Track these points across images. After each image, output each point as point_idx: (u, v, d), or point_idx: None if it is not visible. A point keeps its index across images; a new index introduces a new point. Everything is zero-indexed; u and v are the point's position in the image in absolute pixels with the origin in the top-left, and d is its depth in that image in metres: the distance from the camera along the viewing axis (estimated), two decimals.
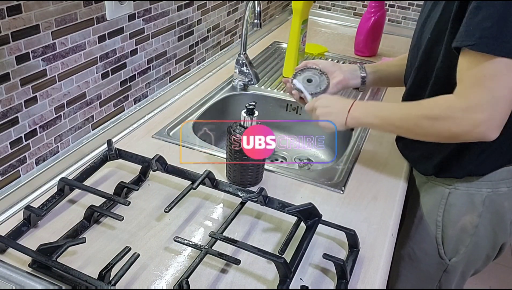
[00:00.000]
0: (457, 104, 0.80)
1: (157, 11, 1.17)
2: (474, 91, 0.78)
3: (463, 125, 0.80)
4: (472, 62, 0.78)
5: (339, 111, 0.97)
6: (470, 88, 0.79)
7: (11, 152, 0.87)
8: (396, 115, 0.92)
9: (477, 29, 0.76)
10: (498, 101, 0.77)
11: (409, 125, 0.90)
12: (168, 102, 1.31)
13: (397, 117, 0.91)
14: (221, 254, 0.77)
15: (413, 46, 1.01)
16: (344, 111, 0.96)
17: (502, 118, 0.79)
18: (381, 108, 0.96)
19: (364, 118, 0.96)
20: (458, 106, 0.80)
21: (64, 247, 0.74)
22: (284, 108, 1.41)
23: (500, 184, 0.95)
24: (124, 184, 0.91)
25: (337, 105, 0.99)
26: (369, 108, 0.97)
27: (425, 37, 0.94)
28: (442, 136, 0.85)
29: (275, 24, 2.00)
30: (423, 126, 0.86)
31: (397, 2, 2.01)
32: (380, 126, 0.97)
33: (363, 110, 0.96)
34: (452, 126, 0.82)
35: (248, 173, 0.97)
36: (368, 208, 0.96)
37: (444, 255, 1.05)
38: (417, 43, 0.98)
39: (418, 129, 0.88)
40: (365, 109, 0.97)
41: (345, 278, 0.77)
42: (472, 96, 0.78)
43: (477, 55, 0.76)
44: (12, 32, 0.80)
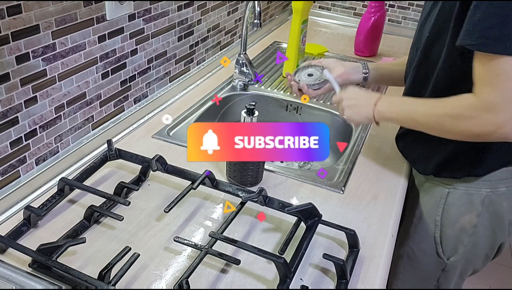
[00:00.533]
0: (477, 104, 0.80)
1: (157, 11, 1.17)
2: (490, 91, 0.78)
3: (485, 125, 0.80)
4: (482, 61, 0.78)
5: (365, 104, 0.97)
6: (485, 87, 0.79)
7: (11, 152, 0.87)
8: (420, 111, 0.90)
9: (476, 28, 0.76)
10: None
11: (432, 123, 0.89)
12: (168, 102, 1.31)
13: (420, 114, 0.90)
14: (221, 254, 0.77)
15: (412, 45, 1.02)
16: (370, 104, 0.96)
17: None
18: (406, 104, 0.95)
19: (388, 112, 0.95)
20: (478, 106, 0.80)
21: (64, 247, 0.74)
22: (284, 108, 1.41)
23: (499, 184, 0.95)
24: (124, 184, 0.91)
25: (363, 97, 0.99)
26: (394, 103, 0.96)
27: (424, 36, 0.94)
28: (465, 135, 0.85)
29: (275, 24, 2.00)
30: (446, 124, 0.85)
31: (397, 2, 2.01)
32: (403, 122, 0.97)
33: (389, 104, 0.95)
34: (473, 126, 0.81)
35: (248, 173, 0.97)
36: (368, 208, 0.96)
37: (443, 255, 1.05)
38: (417, 42, 0.98)
39: (441, 127, 0.87)
40: (391, 103, 0.95)
41: (345, 278, 0.77)
42: (488, 96, 0.78)
43: (486, 55, 0.76)
44: (12, 32, 0.80)
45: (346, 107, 0.99)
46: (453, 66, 0.86)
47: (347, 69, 1.11)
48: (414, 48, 1.00)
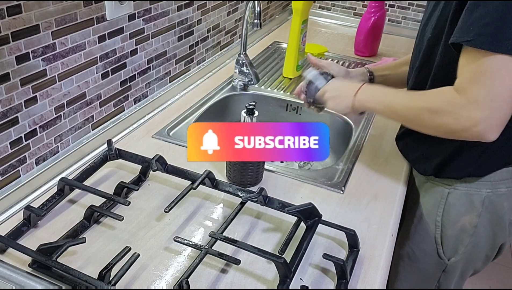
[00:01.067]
0: (457, 100, 0.79)
1: (157, 11, 1.17)
2: (472, 87, 0.77)
3: (462, 121, 0.79)
4: (471, 58, 0.78)
5: (346, 95, 0.98)
6: (468, 83, 0.78)
7: (11, 152, 0.87)
8: (400, 103, 0.90)
9: (474, 26, 0.76)
10: (496, 99, 0.76)
11: (410, 115, 0.88)
12: (168, 102, 1.31)
13: (400, 105, 0.90)
14: (221, 254, 0.77)
15: (415, 47, 1.02)
16: (351, 94, 0.96)
17: (502, 118, 0.77)
18: (387, 94, 0.94)
19: (369, 102, 0.95)
20: (458, 102, 0.79)
21: (64, 247, 0.74)
22: (284, 108, 1.41)
23: (499, 185, 0.95)
24: (124, 184, 0.91)
25: (345, 88, 1.00)
26: (375, 93, 0.96)
27: (426, 37, 0.94)
28: (441, 131, 0.84)
29: (275, 24, 2.00)
30: (424, 118, 0.85)
31: (397, 2, 2.01)
32: (383, 112, 0.96)
33: (370, 94, 0.96)
34: (450, 121, 0.80)
35: (248, 173, 0.97)
36: (368, 208, 0.96)
37: (443, 255, 1.05)
38: (419, 44, 0.98)
39: (419, 121, 0.87)
40: (372, 93, 0.96)
41: (345, 278, 0.77)
42: (470, 91, 0.77)
43: (476, 51, 0.76)
44: (12, 32, 0.80)
45: (328, 99, 1.01)
46: (449, 64, 0.86)
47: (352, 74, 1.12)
48: (417, 49, 1.00)
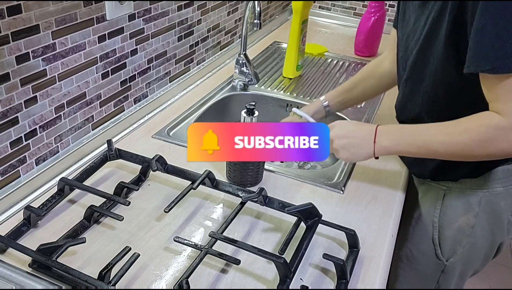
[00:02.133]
0: (504, 122, 0.77)
1: (157, 11, 1.17)
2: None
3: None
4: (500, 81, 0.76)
5: (363, 142, 0.89)
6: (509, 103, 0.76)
7: (11, 152, 0.87)
8: (436, 140, 0.84)
9: (489, 52, 0.74)
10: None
11: (455, 150, 0.83)
12: (168, 102, 1.31)
13: (438, 143, 0.84)
14: (221, 254, 0.77)
15: (400, 57, 1.00)
16: (368, 141, 0.88)
17: None
18: (415, 134, 0.87)
19: (395, 146, 0.88)
20: (505, 125, 0.77)
21: (64, 247, 0.74)
22: (284, 108, 1.41)
23: (495, 184, 0.95)
24: (124, 184, 0.91)
25: (357, 133, 0.91)
26: (399, 135, 0.88)
27: (412, 49, 0.93)
28: (496, 156, 0.82)
29: (275, 24, 2.00)
30: (473, 149, 0.81)
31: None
32: (417, 154, 0.88)
33: (392, 137, 0.88)
34: (505, 146, 0.78)
35: (248, 173, 0.97)
36: (368, 208, 0.96)
37: (441, 256, 1.05)
38: (404, 55, 0.97)
39: (467, 153, 0.83)
40: (395, 136, 0.88)
41: (345, 278, 0.77)
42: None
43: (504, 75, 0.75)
44: (12, 32, 0.80)
45: (340, 149, 0.91)
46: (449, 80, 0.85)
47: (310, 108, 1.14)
48: (402, 60, 0.98)
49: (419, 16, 0.91)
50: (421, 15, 0.90)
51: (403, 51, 0.98)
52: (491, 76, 0.76)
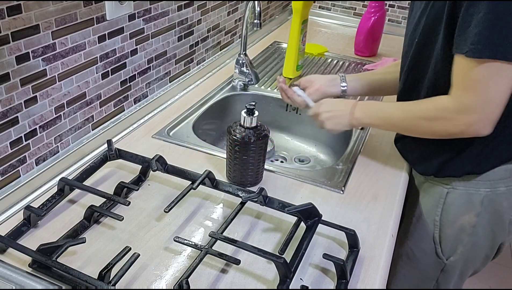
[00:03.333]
0: (452, 106, 0.85)
1: (157, 11, 1.17)
2: (467, 94, 0.83)
3: (457, 125, 0.85)
4: (465, 66, 0.81)
5: (342, 114, 1.02)
6: (463, 90, 0.83)
7: (11, 152, 0.87)
8: (396, 115, 0.96)
9: (468, 36, 0.78)
10: (489, 103, 0.82)
11: (408, 125, 0.95)
12: (168, 102, 1.31)
13: (396, 118, 0.96)
14: (221, 254, 0.77)
15: (404, 51, 1.03)
16: (346, 112, 1.01)
17: (494, 116, 0.83)
18: (382, 109, 0.99)
19: (366, 118, 1.00)
20: (452, 108, 0.85)
21: (64, 247, 0.74)
22: (284, 108, 1.41)
23: (498, 184, 0.95)
24: (124, 184, 0.91)
25: (339, 107, 1.03)
26: (371, 109, 1.01)
27: (413, 42, 0.96)
28: (439, 135, 0.91)
29: (275, 24, 2.00)
30: (421, 126, 0.92)
31: (397, 2, 2.01)
32: (381, 126, 1.02)
33: (365, 110, 1.00)
34: (448, 126, 0.87)
35: (248, 173, 0.97)
36: (368, 208, 0.96)
37: (442, 255, 1.05)
38: (408, 47, 1.00)
39: (417, 129, 0.94)
40: (367, 109, 1.00)
41: (345, 278, 0.77)
42: (465, 98, 0.83)
43: (469, 60, 0.79)
44: (12, 32, 0.80)
45: (325, 120, 1.04)
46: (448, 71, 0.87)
47: (323, 82, 1.14)
48: (406, 53, 1.01)
49: (423, 10, 0.93)
50: (425, 9, 0.92)
51: (407, 45, 1.00)
52: (461, 59, 0.81)
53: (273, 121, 1.41)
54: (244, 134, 0.92)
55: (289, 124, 1.42)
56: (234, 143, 0.93)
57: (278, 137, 1.43)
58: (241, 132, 0.93)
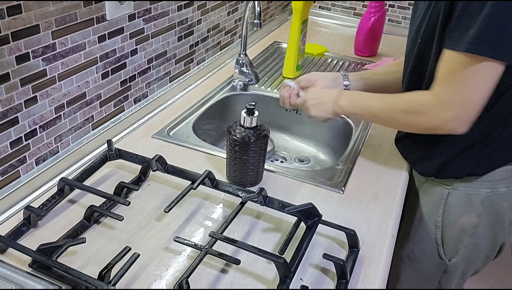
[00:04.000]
0: (430, 101, 0.86)
1: (157, 11, 1.17)
2: (446, 90, 0.83)
3: (433, 120, 0.86)
4: (452, 62, 0.81)
5: (327, 101, 1.03)
6: (444, 86, 0.83)
7: (11, 152, 0.87)
8: (377, 106, 0.96)
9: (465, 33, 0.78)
10: (466, 101, 0.82)
11: (386, 117, 0.95)
12: (168, 102, 1.31)
13: (377, 108, 0.96)
14: (221, 254, 0.77)
15: (407, 52, 1.02)
16: (331, 99, 1.02)
17: (471, 115, 0.83)
18: (364, 98, 1.00)
19: (348, 107, 1.01)
20: (430, 103, 0.86)
21: (64, 247, 0.74)
22: (284, 108, 1.41)
23: (498, 184, 0.95)
24: (124, 184, 0.91)
25: (325, 95, 1.05)
26: (355, 98, 1.02)
27: (416, 42, 0.95)
28: (415, 129, 0.93)
29: (275, 24, 2.00)
30: (399, 118, 0.92)
31: (397, 2, 2.01)
32: (362, 115, 1.04)
33: (349, 99, 1.01)
34: (424, 121, 0.88)
35: (248, 173, 0.97)
36: (368, 208, 0.96)
37: (444, 256, 1.05)
38: (411, 47, 0.99)
39: (395, 121, 0.95)
40: (351, 98, 1.02)
41: (345, 278, 0.77)
42: (444, 94, 0.83)
43: (451, 55, 0.80)
44: (12, 32, 0.80)
45: (310, 106, 1.05)
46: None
47: (327, 82, 1.12)
48: (410, 53, 1.00)
49: (426, 11, 0.93)
50: (428, 10, 0.92)
51: (410, 45, 0.99)
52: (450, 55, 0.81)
53: (273, 121, 1.41)
54: (244, 134, 0.92)
55: (289, 124, 1.42)
56: (234, 143, 0.93)
57: (278, 137, 1.43)
58: (241, 132, 0.93)
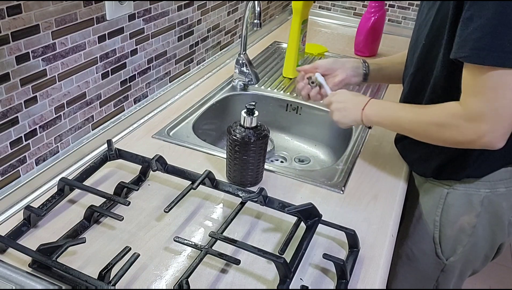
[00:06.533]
0: (462, 114, 0.82)
1: (157, 11, 1.17)
2: (476, 101, 0.79)
3: (467, 134, 0.82)
4: (473, 72, 0.79)
5: (353, 108, 0.99)
6: (472, 97, 0.80)
7: (11, 152, 0.87)
8: (406, 118, 0.92)
9: (469, 40, 0.77)
10: (500, 112, 0.78)
11: (417, 130, 0.91)
12: (168, 102, 1.31)
13: (406, 120, 0.92)
14: (221, 254, 0.77)
15: (409, 50, 1.02)
16: (358, 108, 0.98)
17: (506, 128, 0.80)
18: (394, 110, 0.96)
19: (375, 117, 0.97)
20: (462, 116, 0.82)
21: (64, 247, 0.74)
22: (284, 108, 1.41)
23: (498, 185, 0.95)
24: (124, 184, 0.91)
25: (352, 101, 1.01)
26: (382, 108, 0.98)
27: (420, 42, 0.94)
28: (448, 142, 0.88)
29: (275, 24, 2.00)
30: (431, 131, 0.88)
31: (397, 2, 2.01)
32: (390, 127, 0.98)
33: (376, 109, 0.97)
34: (456, 134, 0.84)
35: (248, 173, 0.97)
36: (368, 208, 0.96)
37: (441, 255, 1.05)
38: (414, 47, 0.98)
39: (426, 134, 0.90)
40: (378, 108, 0.98)
41: (345, 278, 0.77)
42: (474, 105, 0.80)
43: (477, 66, 0.77)
44: (12, 32, 0.80)
45: (335, 110, 1.02)
46: (451, 75, 0.86)
47: (348, 73, 1.12)
48: (411, 53, 1.00)
49: (431, 7, 0.92)
50: (433, 6, 0.91)
51: (413, 41, 0.99)
52: (468, 66, 0.79)
53: (273, 121, 1.41)
54: (244, 134, 0.92)
55: (289, 124, 1.42)
56: (234, 143, 0.93)
57: (278, 137, 1.43)
58: (241, 132, 0.93)
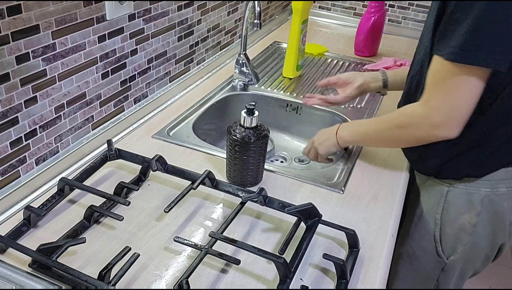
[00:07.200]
0: (419, 110, 0.86)
1: (157, 11, 1.17)
2: (434, 97, 0.83)
3: (423, 128, 0.86)
4: (437, 68, 0.82)
5: (329, 136, 1.07)
6: (433, 93, 0.84)
7: (11, 152, 0.87)
8: (372, 129, 0.99)
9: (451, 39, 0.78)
10: (455, 107, 0.82)
11: (383, 137, 0.97)
12: (168, 102, 1.31)
13: (372, 131, 0.99)
14: (221, 254, 0.77)
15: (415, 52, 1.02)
16: (333, 134, 1.06)
17: (461, 120, 0.83)
18: (361, 125, 1.03)
19: (348, 136, 1.04)
20: (419, 112, 0.86)
21: (64, 247, 0.74)
22: (284, 108, 1.41)
23: (499, 184, 0.95)
24: (124, 184, 0.91)
25: (327, 132, 1.08)
26: (352, 127, 1.05)
27: (424, 44, 0.95)
28: (411, 141, 0.93)
29: (275, 24, 2.00)
30: (394, 135, 0.93)
31: (397, 2, 2.01)
32: (362, 142, 1.07)
33: (347, 129, 1.04)
34: (415, 131, 0.88)
35: (248, 173, 0.97)
36: (368, 208, 0.96)
37: (442, 253, 1.05)
38: (417, 49, 1.00)
39: (393, 139, 0.96)
40: (349, 128, 1.05)
41: (345, 278, 0.77)
42: (432, 101, 0.84)
43: (447, 63, 0.79)
44: (12, 32, 0.80)
45: (318, 146, 1.09)
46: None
47: (367, 79, 1.16)
48: (416, 54, 1.01)
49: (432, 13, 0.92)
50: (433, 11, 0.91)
51: (419, 42, 1.00)
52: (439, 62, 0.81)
53: (273, 121, 1.41)
54: (244, 134, 0.92)
55: (289, 124, 1.42)
56: (234, 143, 0.93)
57: (278, 137, 1.43)
58: (241, 132, 0.93)
